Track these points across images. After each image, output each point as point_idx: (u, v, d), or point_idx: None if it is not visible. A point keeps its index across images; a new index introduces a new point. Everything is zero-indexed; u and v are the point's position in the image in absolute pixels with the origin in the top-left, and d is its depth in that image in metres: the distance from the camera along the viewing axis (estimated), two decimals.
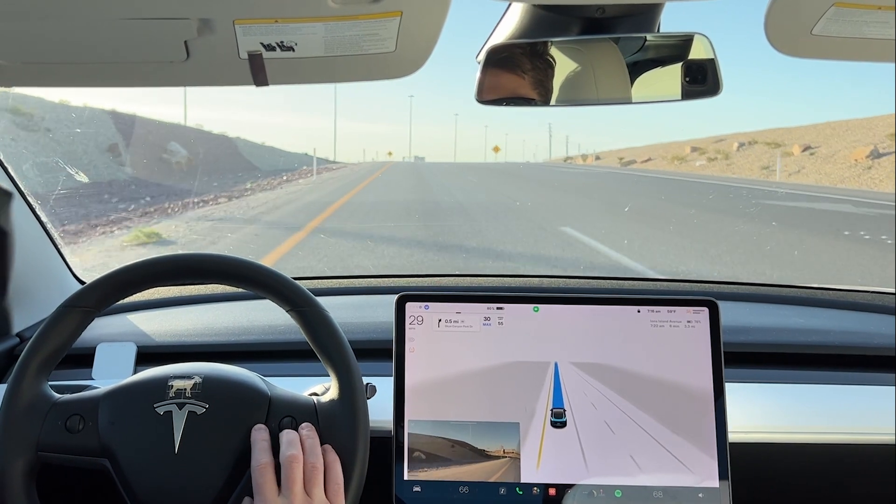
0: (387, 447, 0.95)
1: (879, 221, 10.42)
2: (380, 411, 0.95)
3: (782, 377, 1.15)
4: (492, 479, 0.94)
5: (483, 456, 0.94)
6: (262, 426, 0.86)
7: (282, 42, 0.73)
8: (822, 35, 0.74)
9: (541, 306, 0.98)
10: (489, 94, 0.92)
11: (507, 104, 0.94)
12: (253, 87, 0.82)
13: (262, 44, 0.73)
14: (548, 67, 0.90)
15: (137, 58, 0.76)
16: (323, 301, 0.91)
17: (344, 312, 1.19)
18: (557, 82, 0.93)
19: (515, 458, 0.94)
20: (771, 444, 1.05)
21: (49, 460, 0.85)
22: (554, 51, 0.90)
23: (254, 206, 12.14)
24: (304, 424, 0.86)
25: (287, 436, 0.84)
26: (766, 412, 1.07)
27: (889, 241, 8.30)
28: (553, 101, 0.94)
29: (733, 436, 0.96)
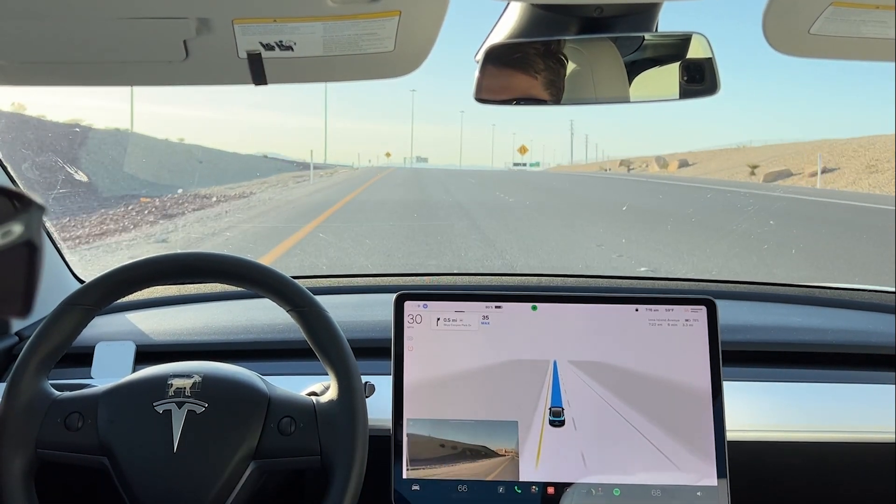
0: (386, 446, 0.95)
1: None
2: (379, 410, 0.96)
3: (781, 376, 1.15)
4: (490, 478, 0.94)
5: (482, 455, 0.95)
6: None
7: (280, 41, 0.73)
8: (820, 34, 0.74)
9: (539, 305, 0.98)
10: (492, 94, 0.92)
11: (508, 104, 0.94)
12: (252, 87, 0.82)
13: (260, 43, 0.73)
14: (559, 67, 0.90)
15: (136, 57, 0.77)
16: (322, 300, 0.91)
17: (343, 311, 1.20)
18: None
19: (514, 457, 0.94)
20: (769, 443, 1.05)
21: (48, 458, 0.85)
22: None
23: None
24: None
25: None
26: (765, 411, 1.07)
27: None
28: (552, 101, 0.94)
29: (731, 434, 0.96)
